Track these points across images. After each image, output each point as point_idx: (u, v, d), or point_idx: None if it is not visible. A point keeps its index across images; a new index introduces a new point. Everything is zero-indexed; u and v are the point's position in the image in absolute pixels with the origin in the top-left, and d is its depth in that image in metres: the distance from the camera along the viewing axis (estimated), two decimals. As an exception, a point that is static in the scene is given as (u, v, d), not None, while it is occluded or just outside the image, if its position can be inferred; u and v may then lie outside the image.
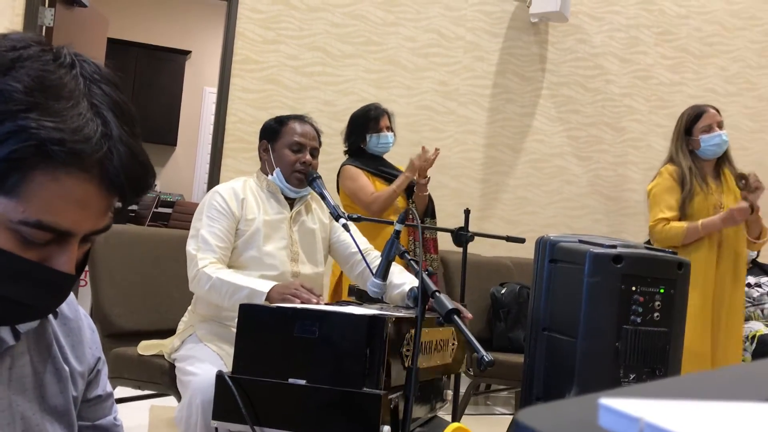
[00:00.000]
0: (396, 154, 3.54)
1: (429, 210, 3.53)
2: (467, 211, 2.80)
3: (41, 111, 0.73)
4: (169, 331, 2.53)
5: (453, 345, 2.04)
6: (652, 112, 5.03)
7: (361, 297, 2.27)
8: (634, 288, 1.77)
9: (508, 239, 2.74)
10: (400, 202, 3.40)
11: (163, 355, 2.46)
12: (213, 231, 2.29)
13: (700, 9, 5.16)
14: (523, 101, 4.76)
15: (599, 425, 0.35)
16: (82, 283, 3.99)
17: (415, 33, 4.51)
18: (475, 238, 2.74)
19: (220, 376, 1.64)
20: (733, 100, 5.17)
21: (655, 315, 1.79)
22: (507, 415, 4.21)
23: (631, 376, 1.77)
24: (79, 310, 0.98)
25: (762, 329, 4.06)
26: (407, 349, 1.71)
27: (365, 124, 3.38)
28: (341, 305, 2.00)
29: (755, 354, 3.89)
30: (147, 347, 2.52)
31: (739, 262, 3.20)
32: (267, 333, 1.66)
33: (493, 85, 4.70)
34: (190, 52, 8.52)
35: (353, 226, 2.41)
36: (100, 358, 1.00)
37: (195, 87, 8.58)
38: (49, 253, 0.78)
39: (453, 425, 1.24)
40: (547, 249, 1.91)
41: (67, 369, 0.92)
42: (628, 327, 1.76)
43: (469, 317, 2.03)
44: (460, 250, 2.77)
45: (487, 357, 1.52)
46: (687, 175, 3.18)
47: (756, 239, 3.25)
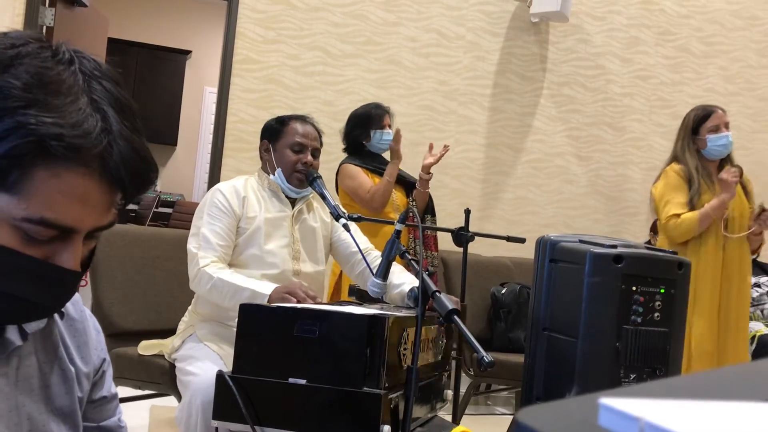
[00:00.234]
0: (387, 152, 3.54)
1: (429, 207, 3.55)
2: (467, 211, 2.80)
3: (40, 107, 0.72)
4: (170, 330, 2.53)
5: (442, 342, 2.04)
6: (652, 112, 5.03)
7: (362, 297, 2.27)
8: (634, 288, 1.77)
9: (509, 239, 2.74)
10: (400, 200, 3.40)
11: (163, 355, 2.46)
12: (214, 229, 2.29)
13: (700, 9, 5.16)
14: (523, 101, 4.76)
15: (599, 425, 0.35)
16: (83, 283, 3.99)
17: (415, 33, 4.51)
18: (476, 237, 2.73)
19: (220, 376, 1.64)
20: (733, 100, 5.17)
21: (656, 315, 1.79)
22: (507, 415, 4.22)
23: (632, 376, 1.77)
24: (85, 311, 0.98)
25: (762, 329, 4.06)
26: (404, 349, 1.71)
27: (370, 120, 3.38)
28: (341, 305, 2.00)
29: (755, 354, 3.89)
30: (147, 347, 2.52)
31: (744, 263, 3.20)
32: (267, 333, 1.66)
33: (494, 84, 4.70)
34: (190, 51, 8.52)
35: (354, 226, 2.41)
36: (105, 359, 1.00)
37: (195, 87, 8.59)
38: (53, 250, 0.78)
39: (458, 429, 1.24)
40: (547, 249, 1.91)
41: (73, 370, 0.92)
42: (628, 327, 1.76)
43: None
44: (461, 249, 2.77)
45: (487, 357, 1.52)
46: (695, 174, 3.15)
47: (753, 252, 3.28)
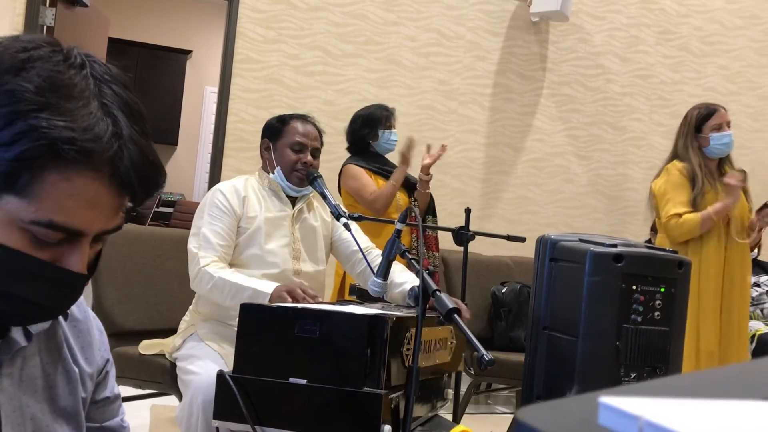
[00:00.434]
0: (396, 153, 3.54)
1: (430, 208, 3.55)
2: (468, 210, 2.80)
3: (52, 111, 0.73)
4: (170, 330, 2.53)
5: (452, 343, 2.04)
6: (652, 111, 5.02)
7: (362, 296, 2.28)
8: (634, 287, 1.77)
9: (509, 238, 2.73)
10: (403, 200, 3.41)
11: (164, 355, 2.46)
12: (214, 229, 2.29)
13: (700, 8, 5.16)
14: (523, 100, 4.76)
15: (599, 424, 0.35)
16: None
17: (415, 32, 4.51)
18: (476, 237, 2.73)
19: (221, 376, 1.64)
20: (733, 99, 5.17)
21: (656, 314, 1.79)
22: (508, 414, 4.22)
23: (632, 375, 1.77)
24: (89, 311, 0.99)
25: (762, 328, 4.06)
26: (407, 349, 1.71)
27: (378, 119, 3.40)
28: (342, 304, 2.00)
29: (755, 353, 3.89)
30: (148, 346, 2.52)
31: (745, 263, 3.20)
32: (268, 332, 1.66)
33: (494, 84, 4.69)
34: (191, 51, 8.52)
35: (354, 225, 2.41)
36: (108, 360, 1.01)
37: (196, 86, 8.59)
38: (61, 252, 0.78)
39: (458, 428, 1.23)
40: (547, 248, 1.91)
41: (76, 370, 0.93)
42: (628, 326, 1.76)
43: (467, 316, 2.02)
44: (461, 249, 2.77)
45: (487, 356, 1.52)
46: (698, 173, 3.13)
47: (752, 248, 3.28)
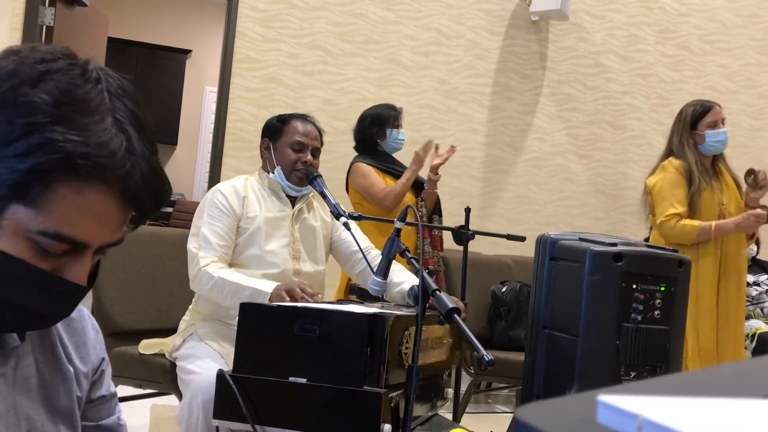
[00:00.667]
0: (406, 153, 3.55)
1: (436, 208, 3.58)
2: (468, 210, 2.80)
3: (68, 124, 0.73)
4: (170, 329, 2.53)
5: (448, 341, 2.04)
6: (652, 110, 5.02)
7: (362, 295, 2.28)
8: (634, 286, 1.77)
9: (509, 237, 2.73)
10: (411, 200, 3.42)
11: (164, 354, 2.46)
12: (214, 229, 2.29)
13: (700, 6, 5.16)
14: (523, 99, 4.76)
15: (598, 422, 0.35)
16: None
17: (415, 31, 4.51)
18: (476, 236, 2.73)
19: (221, 375, 1.64)
20: (733, 98, 5.17)
21: (656, 313, 1.79)
22: (508, 414, 4.22)
23: (632, 374, 1.77)
24: (83, 310, 0.99)
25: (762, 327, 4.06)
26: (406, 347, 1.71)
27: (386, 119, 3.42)
28: (342, 304, 2.00)
29: (755, 352, 3.89)
30: (148, 346, 2.52)
31: (741, 260, 3.19)
32: (268, 332, 1.66)
33: (494, 83, 4.69)
34: (190, 51, 8.52)
35: (354, 225, 2.41)
36: (104, 359, 1.01)
37: (195, 86, 8.58)
38: (64, 263, 0.79)
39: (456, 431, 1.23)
40: (547, 247, 1.91)
41: (71, 369, 0.93)
42: (628, 325, 1.76)
43: (464, 316, 2.02)
44: (461, 248, 2.77)
45: (487, 356, 1.52)
46: (695, 170, 3.12)
47: (749, 238, 3.23)
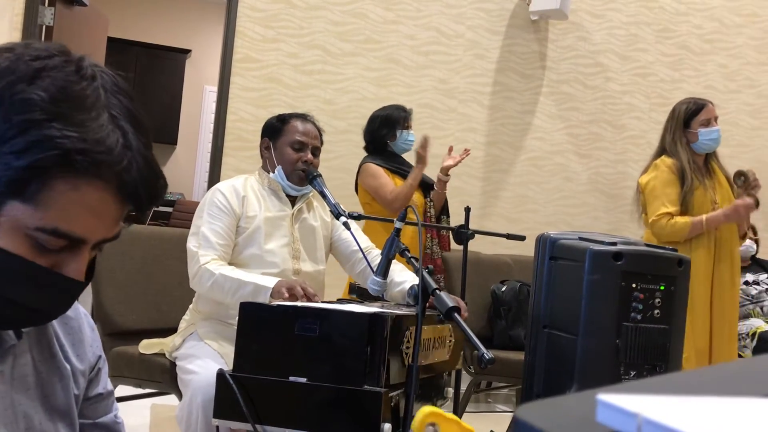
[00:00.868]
0: (412, 153, 3.55)
1: (444, 208, 3.61)
2: (468, 209, 2.80)
3: (65, 121, 0.74)
4: (170, 329, 2.53)
5: (450, 341, 2.04)
6: (652, 110, 5.02)
7: (362, 295, 2.28)
8: (634, 285, 1.77)
9: (509, 237, 2.73)
10: (418, 200, 3.44)
11: (164, 354, 2.46)
12: (214, 228, 2.29)
13: (700, 6, 5.16)
14: (523, 99, 4.76)
15: (597, 421, 0.35)
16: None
17: (415, 31, 4.51)
18: (476, 235, 2.73)
19: (221, 375, 1.64)
20: (733, 97, 5.17)
21: (656, 312, 1.79)
22: (508, 413, 4.22)
23: (632, 373, 1.77)
24: (79, 308, 0.99)
25: (762, 326, 4.06)
26: (407, 347, 1.71)
27: (396, 120, 3.44)
28: (342, 303, 2.00)
29: (756, 351, 3.89)
30: (148, 346, 2.52)
31: (734, 259, 3.19)
32: (268, 331, 1.66)
33: (494, 82, 4.69)
34: (190, 51, 8.52)
35: (354, 224, 2.41)
36: (100, 357, 1.01)
37: (195, 86, 8.58)
38: (61, 259, 0.79)
39: (425, 409, 1.19)
40: (547, 246, 1.91)
41: (68, 367, 0.93)
42: (628, 324, 1.76)
43: (465, 315, 2.02)
44: (461, 247, 2.77)
45: (487, 355, 1.52)
46: (687, 169, 3.11)
47: (741, 237, 3.23)
